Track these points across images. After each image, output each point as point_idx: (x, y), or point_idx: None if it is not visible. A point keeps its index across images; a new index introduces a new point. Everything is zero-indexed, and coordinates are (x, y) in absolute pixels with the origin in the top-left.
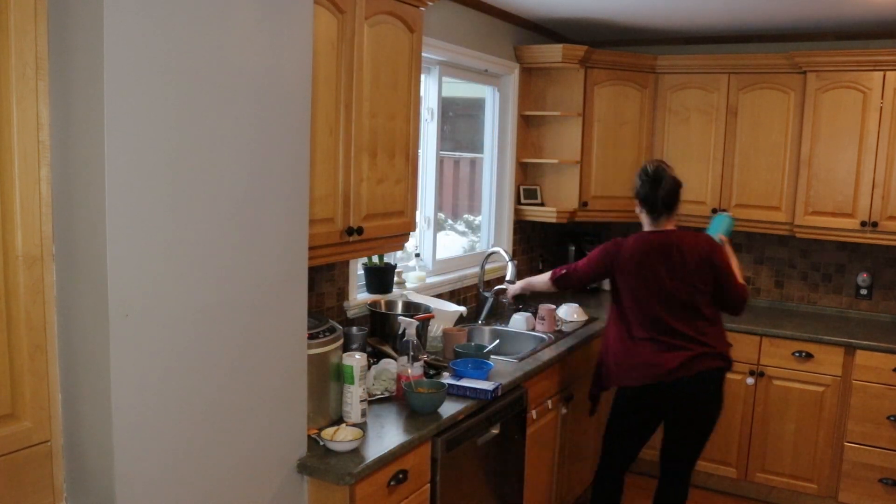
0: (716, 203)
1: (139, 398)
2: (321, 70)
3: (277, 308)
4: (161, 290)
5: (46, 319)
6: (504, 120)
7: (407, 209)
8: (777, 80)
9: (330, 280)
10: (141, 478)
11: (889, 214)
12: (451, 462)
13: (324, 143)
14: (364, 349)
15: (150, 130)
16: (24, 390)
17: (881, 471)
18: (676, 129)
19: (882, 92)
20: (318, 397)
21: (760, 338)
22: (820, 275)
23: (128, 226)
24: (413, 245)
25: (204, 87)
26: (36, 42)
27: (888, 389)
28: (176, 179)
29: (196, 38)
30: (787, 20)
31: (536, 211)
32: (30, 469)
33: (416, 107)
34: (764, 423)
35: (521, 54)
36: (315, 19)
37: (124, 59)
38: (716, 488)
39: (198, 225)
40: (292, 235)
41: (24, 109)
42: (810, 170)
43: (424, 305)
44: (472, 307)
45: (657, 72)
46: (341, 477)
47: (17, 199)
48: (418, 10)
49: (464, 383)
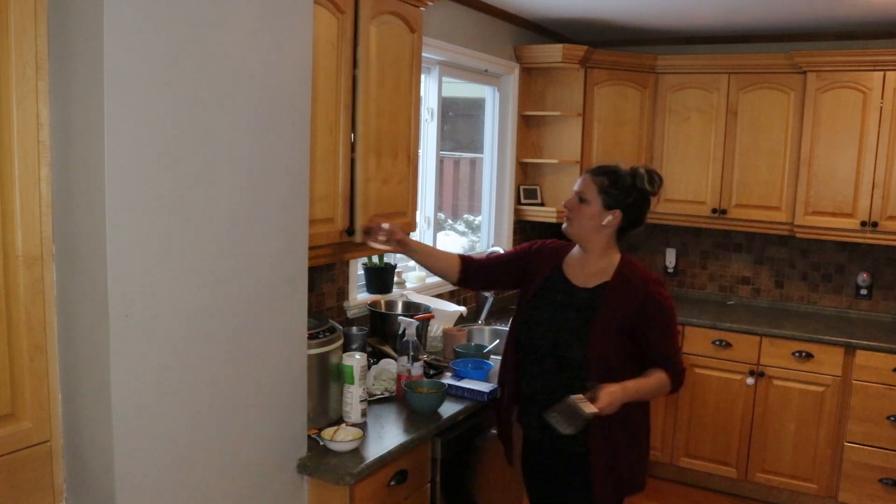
0: (716, 203)
1: (139, 398)
2: (321, 70)
3: (278, 308)
4: (161, 290)
5: (46, 319)
6: (504, 120)
7: (407, 209)
8: (777, 80)
9: (330, 280)
10: (141, 478)
11: (889, 214)
12: (452, 462)
13: (324, 143)
14: (364, 349)
15: (150, 130)
16: (24, 390)
17: (881, 471)
18: (676, 129)
19: (882, 92)
20: (318, 397)
21: (760, 338)
22: (820, 275)
23: (128, 226)
24: None
25: (204, 87)
26: (36, 42)
27: (888, 389)
28: (176, 179)
29: (196, 37)
30: (787, 20)
31: (536, 211)
32: (30, 469)
33: (417, 107)
34: (764, 423)
35: (521, 54)
36: (315, 19)
37: (124, 59)
38: (716, 488)
39: (198, 225)
40: (292, 235)
41: (24, 109)
42: (810, 170)
43: (424, 305)
44: (472, 307)
45: (657, 72)
46: (341, 477)
47: (17, 199)
48: (419, 10)
49: (464, 384)
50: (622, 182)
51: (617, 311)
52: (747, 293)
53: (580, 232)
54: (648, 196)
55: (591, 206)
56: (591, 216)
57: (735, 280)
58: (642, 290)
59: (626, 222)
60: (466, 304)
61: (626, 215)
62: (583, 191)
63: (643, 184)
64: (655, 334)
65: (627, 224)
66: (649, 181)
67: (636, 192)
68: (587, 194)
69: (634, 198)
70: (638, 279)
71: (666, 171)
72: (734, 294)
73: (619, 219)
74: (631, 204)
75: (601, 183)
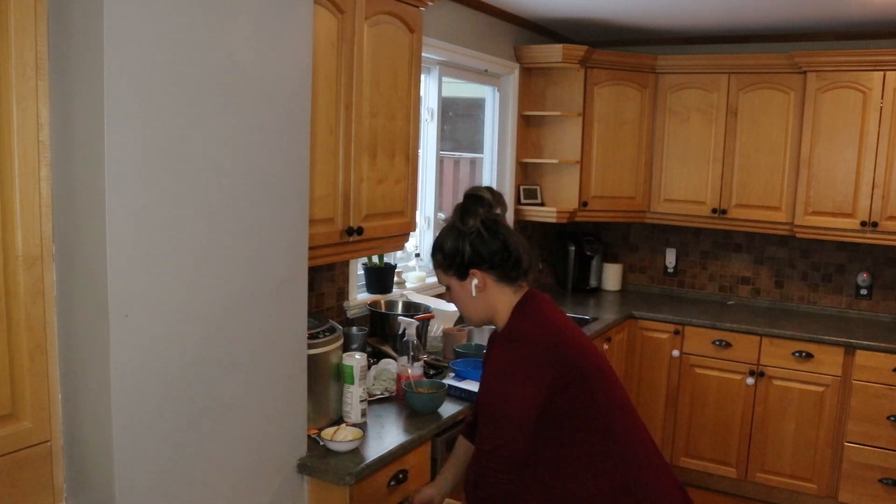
0: (716, 203)
1: (139, 398)
2: (321, 70)
3: (277, 308)
4: (161, 290)
5: (46, 319)
6: (504, 120)
7: (407, 209)
8: (777, 80)
9: (330, 280)
10: (141, 478)
11: (889, 214)
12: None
13: (324, 142)
14: (364, 349)
15: (150, 130)
16: (24, 390)
17: (881, 471)
18: (676, 129)
19: (882, 92)
20: (318, 397)
21: (760, 338)
22: (820, 275)
23: (128, 226)
24: (413, 245)
25: (204, 86)
26: (36, 42)
27: (888, 389)
28: (176, 179)
29: (196, 37)
30: (787, 20)
31: (536, 211)
32: (30, 469)
33: (416, 107)
34: (764, 423)
35: (521, 54)
36: (315, 19)
37: (124, 60)
38: (716, 488)
39: (198, 225)
40: (292, 235)
41: (24, 109)
42: (810, 170)
43: (424, 305)
44: None
45: (657, 72)
46: (341, 477)
47: (17, 199)
48: (418, 10)
49: (464, 385)
50: (448, 243)
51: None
52: (747, 293)
53: (471, 316)
54: (487, 226)
55: (453, 288)
56: (460, 298)
57: (735, 280)
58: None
59: (495, 269)
60: None
61: (482, 264)
62: (440, 282)
63: (462, 223)
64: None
65: (498, 267)
66: (461, 215)
67: (471, 237)
68: (442, 281)
69: (472, 242)
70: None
71: (666, 171)
72: (734, 294)
73: (481, 277)
74: (472, 254)
75: (439, 262)
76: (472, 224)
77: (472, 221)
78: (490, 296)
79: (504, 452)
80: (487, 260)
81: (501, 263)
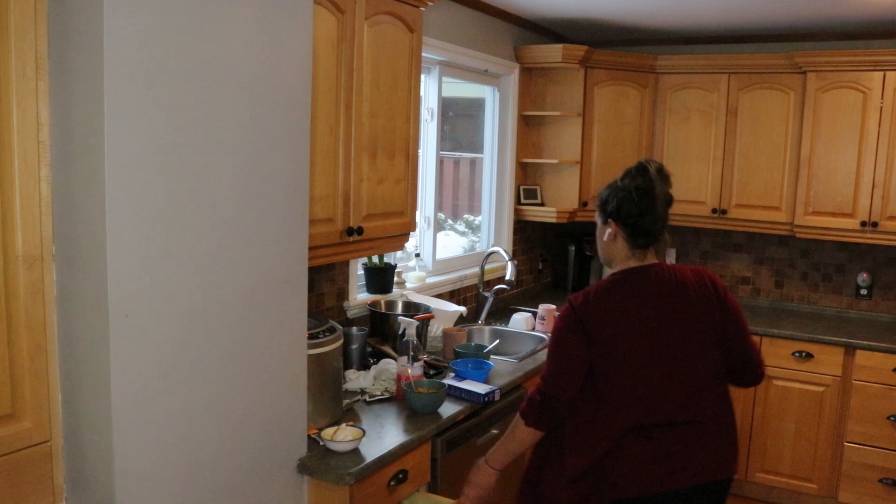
0: (716, 203)
1: (139, 398)
2: (321, 70)
3: (277, 308)
4: (161, 290)
5: (46, 319)
6: (504, 120)
7: (407, 209)
8: (777, 80)
9: (330, 280)
10: (141, 478)
11: (889, 214)
12: (452, 462)
13: (324, 143)
14: (364, 349)
15: (150, 130)
16: (24, 390)
17: (881, 471)
18: (676, 129)
19: (882, 92)
20: (318, 397)
21: (760, 338)
22: (820, 275)
23: (128, 226)
24: (413, 245)
25: (204, 87)
26: (36, 42)
27: (888, 389)
28: (176, 179)
29: (196, 38)
30: (787, 20)
31: (536, 211)
32: (30, 469)
33: (416, 107)
34: (764, 423)
35: (521, 54)
36: (315, 19)
37: (124, 59)
38: None
39: (198, 225)
40: (292, 235)
41: (24, 109)
42: (810, 170)
43: (424, 305)
44: (472, 307)
45: (657, 72)
46: (341, 477)
47: (17, 199)
48: (418, 10)
49: (464, 385)
50: (607, 191)
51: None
52: (747, 293)
53: (600, 254)
54: (638, 191)
55: (598, 227)
56: (598, 236)
57: (735, 280)
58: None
59: (627, 227)
60: (466, 304)
61: (620, 220)
62: (596, 218)
63: (621, 181)
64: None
65: (630, 228)
66: (630, 175)
67: (620, 194)
68: (596, 219)
69: (620, 199)
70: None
71: None
72: (734, 294)
73: (615, 228)
74: (616, 208)
75: (596, 203)
76: (626, 185)
77: (628, 182)
78: (615, 247)
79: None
80: (623, 218)
81: (633, 226)
